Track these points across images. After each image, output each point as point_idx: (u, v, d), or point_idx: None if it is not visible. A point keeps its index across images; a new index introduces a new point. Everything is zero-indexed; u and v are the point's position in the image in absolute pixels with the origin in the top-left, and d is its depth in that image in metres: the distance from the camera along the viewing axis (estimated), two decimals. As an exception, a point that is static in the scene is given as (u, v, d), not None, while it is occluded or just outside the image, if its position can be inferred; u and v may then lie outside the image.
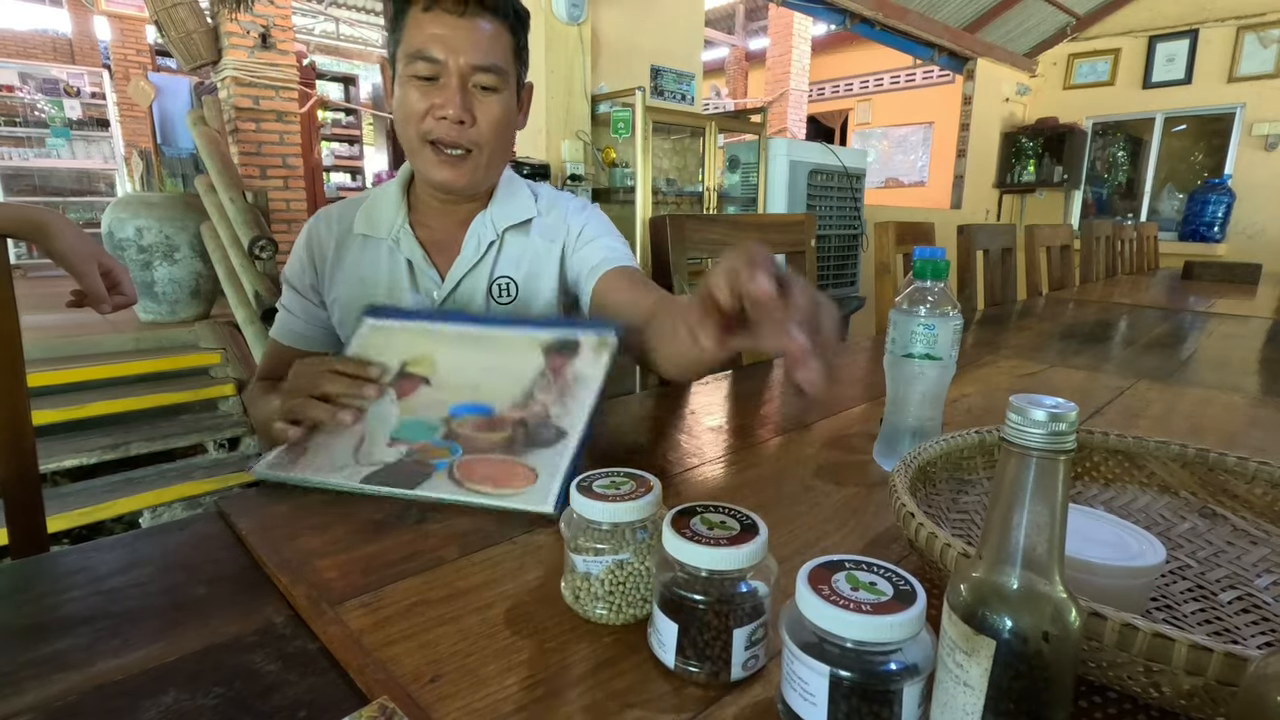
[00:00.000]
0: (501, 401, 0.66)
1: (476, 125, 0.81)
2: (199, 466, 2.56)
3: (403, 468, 0.60)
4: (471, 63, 0.79)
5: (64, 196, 6.45)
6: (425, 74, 0.79)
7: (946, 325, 0.63)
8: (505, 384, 0.67)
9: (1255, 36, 5.00)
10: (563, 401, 0.65)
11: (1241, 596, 0.46)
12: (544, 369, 0.68)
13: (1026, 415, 0.27)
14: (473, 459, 0.61)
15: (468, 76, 0.79)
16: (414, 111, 0.80)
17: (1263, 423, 0.89)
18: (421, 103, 0.80)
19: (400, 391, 0.68)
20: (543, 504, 0.55)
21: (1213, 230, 5.12)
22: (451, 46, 0.78)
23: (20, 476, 0.79)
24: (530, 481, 0.57)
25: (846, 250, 3.49)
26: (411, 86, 0.80)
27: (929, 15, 4.74)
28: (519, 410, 0.65)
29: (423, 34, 0.78)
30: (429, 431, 0.64)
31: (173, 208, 2.99)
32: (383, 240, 0.89)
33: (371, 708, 0.33)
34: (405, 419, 0.66)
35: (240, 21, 3.74)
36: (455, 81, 0.79)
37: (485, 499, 0.56)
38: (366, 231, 0.89)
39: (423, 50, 0.78)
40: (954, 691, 0.29)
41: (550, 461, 0.59)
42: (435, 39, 0.78)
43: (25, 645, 0.40)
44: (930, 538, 0.41)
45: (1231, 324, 1.76)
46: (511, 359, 0.69)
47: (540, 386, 0.67)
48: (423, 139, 0.81)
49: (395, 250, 0.89)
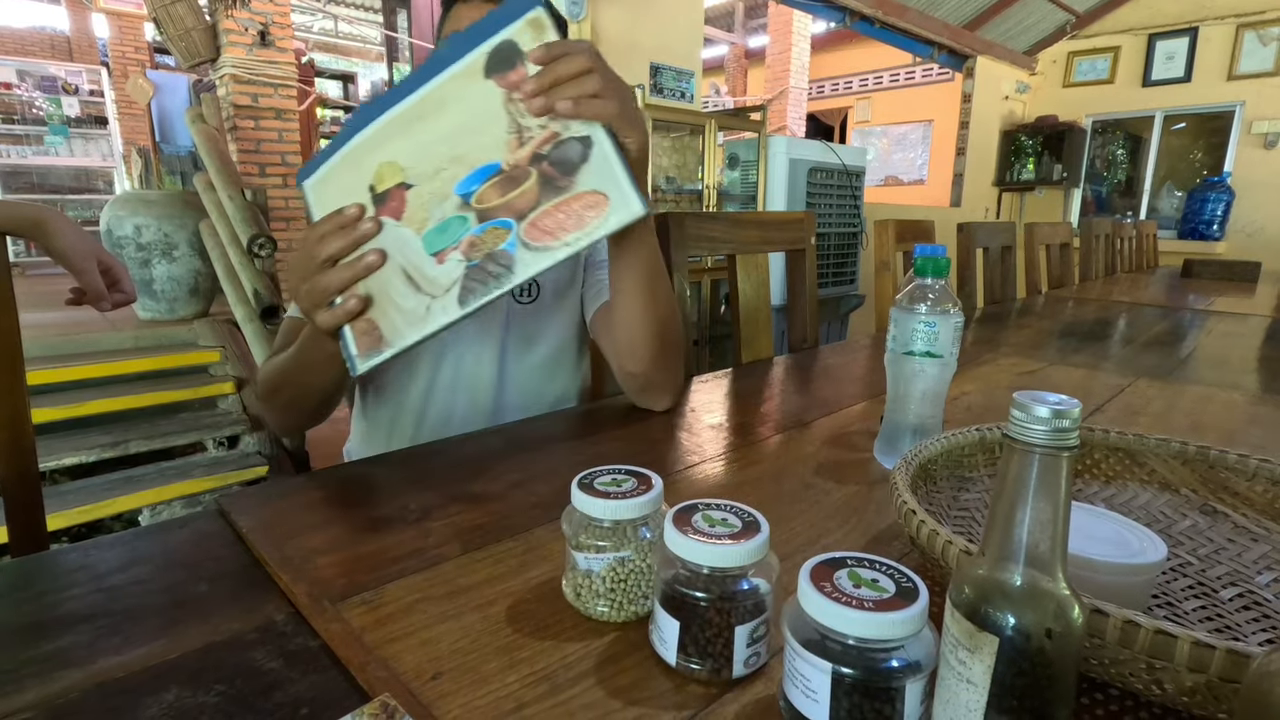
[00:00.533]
0: (498, 151, 0.59)
1: None
2: (198, 464, 2.55)
3: (477, 273, 0.56)
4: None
5: (62, 194, 6.44)
6: None
7: (947, 323, 0.63)
8: (486, 134, 0.59)
9: (1255, 34, 5.00)
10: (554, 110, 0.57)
11: (1242, 594, 0.46)
12: (505, 96, 0.59)
13: (1030, 412, 0.27)
14: (533, 219, 0.56)
15: None
16: None
17: (1262, 420, 0.90)
18: None
19: (393, 213, 0.61)
20: (631, 211, 0.53)
21: (1212, 228, 5.12)
22: (452, 27, 0.81)
23: (20, 475, 0.79)
24: (603, 202, 0.54)
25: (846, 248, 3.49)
26: None
27: (928, 13, 4.73)
28: (523, 148, 0.58)
29: (460, 20, 0.81)
30: (461, 226, 0.58)
31: (171, 205, 2.99)
32: None
33: (373, 705, 0.33)
34: (425, 232, 0.59)
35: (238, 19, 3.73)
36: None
37: (582, 240, 0.54)
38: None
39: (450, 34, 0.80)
40: (957, 689, 0.29)
41: (601, 173, 0.55)
42: (466, 22, 0.79)
43: (26, 643, 0.40)
44: (932, 535, 0.41)
45: (1231, 322, 1.76)
46: (466, 106, 0.61)
47: (521, 113, 0.59)
48: None
49: None
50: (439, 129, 0.61)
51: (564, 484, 0.43)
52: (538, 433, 0.79)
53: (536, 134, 0.58)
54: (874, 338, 1.42)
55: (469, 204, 0.59)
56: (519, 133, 0.58)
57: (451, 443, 0.76)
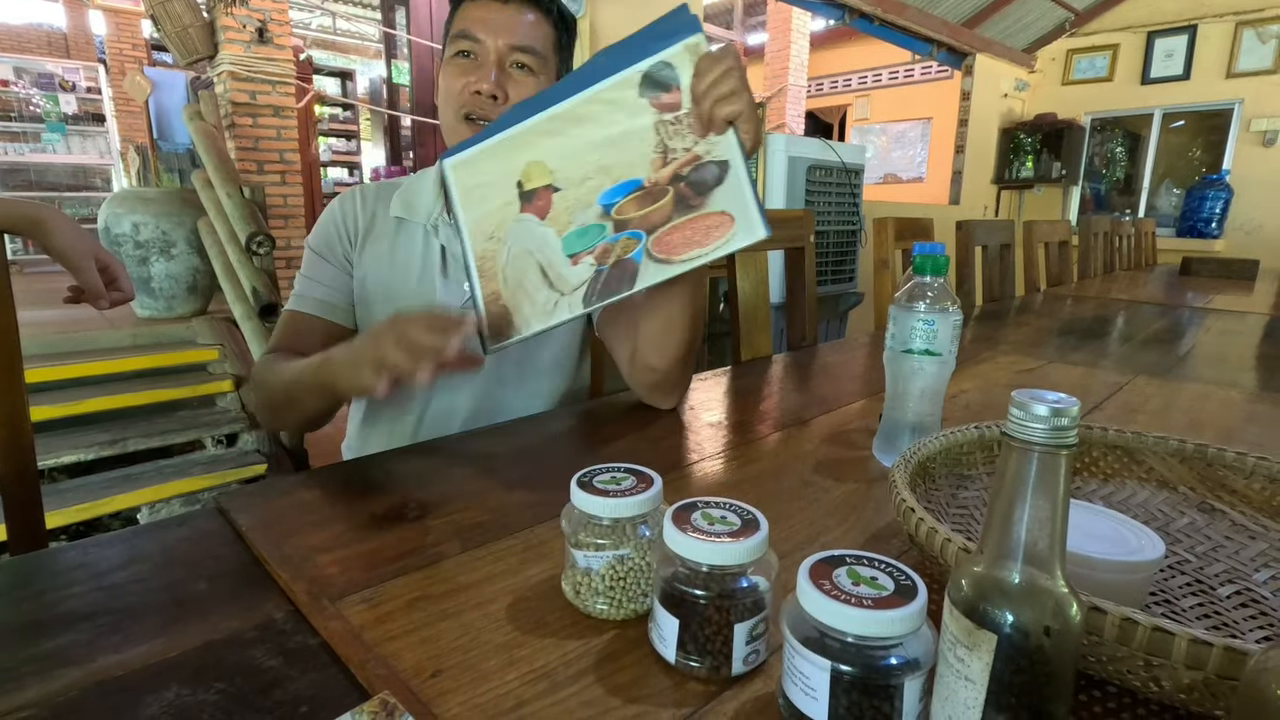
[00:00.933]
0: (642, 168, 0.63)
1: (508, 102, 0.82)
2: (197, 462, 2.55)
3: (606, 277, 0.61)
4: (509, 42, 0.82)
5: (60, 192, 6.42)
6: (465, 49, 0.82)
7: (946, 321, 0.63)
8: (633, 150, 0.64)
9: (1254, 32, 4.99)
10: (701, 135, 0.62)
11: (1240, 591, 0.46)
12: (657, 117, 0.64)
13: (1029, 410, 0.27)
14: (662, 234, 0.61)
15: (505, 56, 0.82)
16: (452, 89, 0.83)
17: (1260, 418, 0.90)
18: (459, 80, 0.82)
19: (539, 211, 0.66)
20: (755, 233, 0.56)
21: (1210, 226, 5.12)
22: (491, 27, 0.81)
23: (18, 473, 0.79)
24: (729, 223, 0.58)
25: (845, 246, 3.48)
26: (452, 66, 0.83)
27: (928, 10, 4.73)
28: (666, 167, 0.63)
29: (467, 18, 0.82)
30: (598, 233, 0.63)
31: (169, 203, 2.98)
32: (419, 225, 0.90)
33: (373, 703, 0.33)
34: (566, 235, 0.64)
35: (236, 16, 3.72)
36: (492, 58, 0.82)
37: (704, 257, 0.57)
38: (404, 215, 0.90)
39: (465, 30, 0.82)
40: (955, 686, 0.29)
41: (732, 196, 0.59)
42: (478, 20, 0.82)
43: (26, 641, 0.40)
44: (930, 533, 0.41)
45: (1229, 320, 1.76)
46: (617, 121, 0.65)
47: (669, 134, 0.63)
48: (458, 115, 0.83)
49: (431, 236, 0.89)
50: (589, 138, 0.66)
51: (563, 482, 0.43)
52: (537, 431, 0.79)
53: (680, 155, 0.62)
54: (873, 335, 1.42)
55: (609, 214, 0.64)
56: (664, 153, 0.63)
57: (451, 440, 0.76)
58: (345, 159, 7.75)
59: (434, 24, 5.18)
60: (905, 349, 0.65)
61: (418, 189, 0.91)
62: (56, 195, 6.35)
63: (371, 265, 0.89)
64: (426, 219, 0.89)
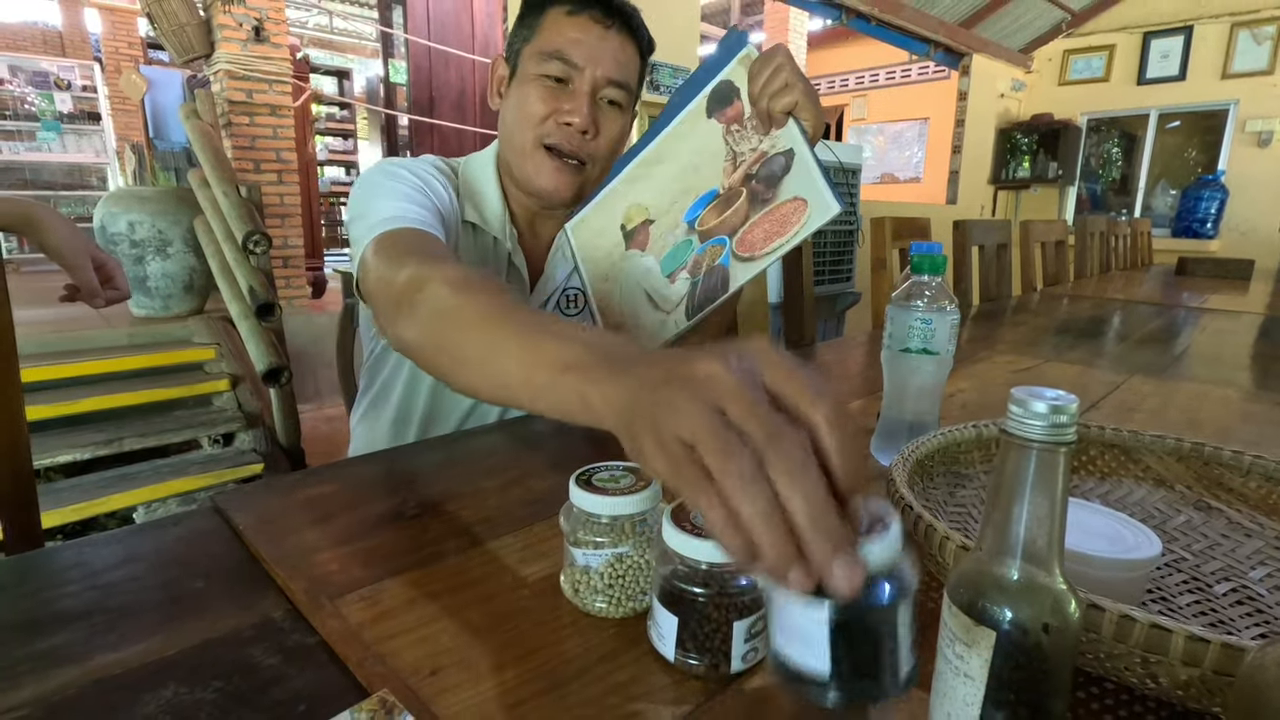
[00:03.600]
0: (717, 178, 0.66)
1: (599, 138, 0.79)
2: (193, 462, 2.54)
3: (702, 287, 0.64)
4: (608, 75, 0.77)
5: (55, 190, 6.39)
6: (557, 74, 0.77)
7: (943, 320, 0.63)
8: (709, 166, 0.67)
9: (1249, 33, 5.01)
10: (764, 132, 0.64)
11: (1236, 589, 0.46)
12: (724, 129, 0.66)
13: (1028, 407, 0.27)
14: (742, 234, 0.63)
15: (600, 88, 0.78)
16: (534, 113, 0.78)
17: (1256, 417, 0.90)
18: (545, 105, 0.77)
19: (640, 245, 0.70)
20: (829, 211, 0.58)
21: (1206, 226, 5.14)
22: (591, 55, 0.76)
23: (14, 472, 0.79)
24: (803, 207, 0.59)
25: (842, 245, 3.49)
26: (538, 86, 0.78)
27: (925, 11, 4.73)
28: (737, 171, 0.65)
29: (563, 36, 0.76)
30: (688, 249, 0.66)
31: (165, 202, 2.97)
32: (488, 233, 0.86)
33: (372, 701, 0.33)
34: (663, 258, 0.68)
35: (233, 14, 3.71)
36: (587, 89, 0.77)
37: (786, 245, 0.59)
38: (476, 221, 0.86)
39: (561, 52, 0.76)
40: (954, 683, 0.29)
41: (801, 181, 0.60)
42: (576, 44, 0.76)
43: (22, 640, 0.39)
44: (929, 530, 0.41)
45: (1224, 319, 1.76)
46: (692, 145, 0.68)
47: (736, 141, 0.66)
48: (538, 142, 0.79)
49: (499, 245, 0.86)
50: (672, 169, 0.70)
51: (562, 480, 0.43)
52: (536, 429, 0.79)
53: (748, 156, 0.64)
54: (870, 334, 1.42)
55: (694, 228, 0.66)
56: (734, 158, 0.65)
57: (449, 439, 0.76)
58: (342, 158, 7.74)
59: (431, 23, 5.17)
60: (903, 348, 0.65)
61: (483, 196, 0.86)
62: (52, 194, 6.32)
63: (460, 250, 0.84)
64: (499, 230, 0.85)
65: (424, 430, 0.92)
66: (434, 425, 0.92)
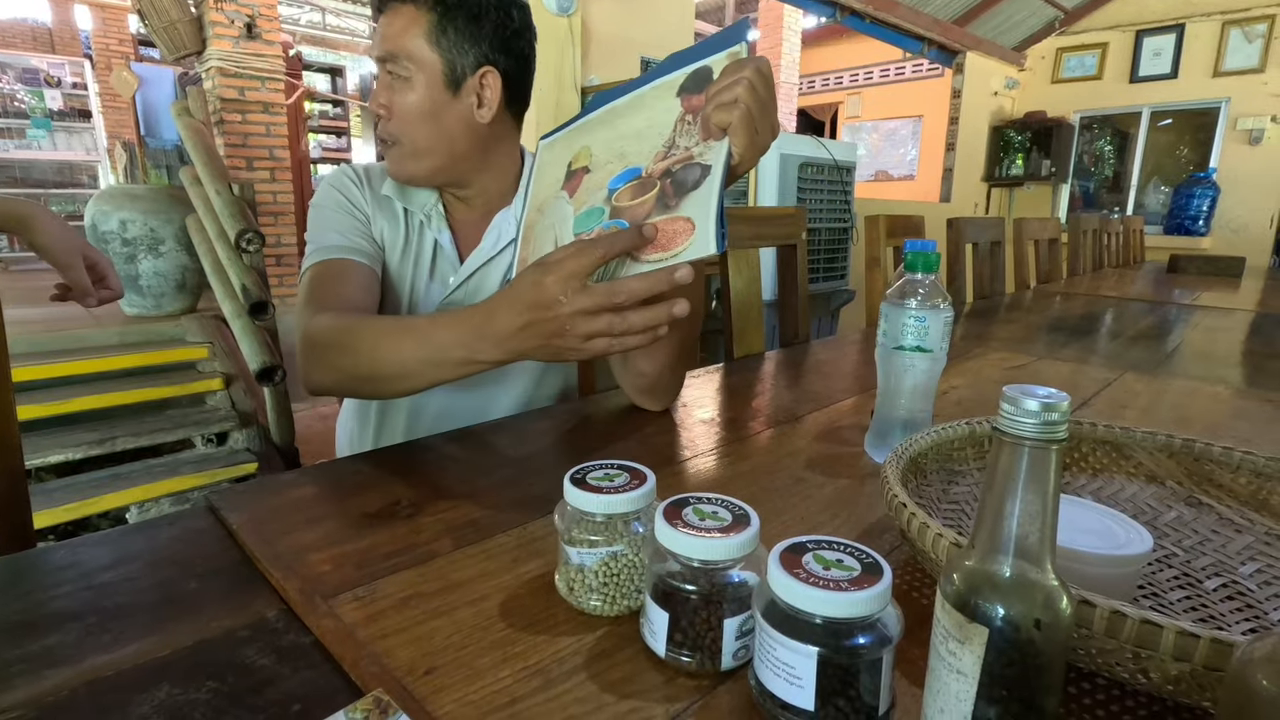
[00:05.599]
0: (646, 159, 0.64)
1: (391, 116, 0.83)
2: (186, 462, 2.53)
3: None
4: (378, 54, 0.82)
5: (45, 189, 6.35)
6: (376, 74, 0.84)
7: (937, 318, 0.63)
8: (649, 142, 0.65)
9: (1240, 31, 5.04)
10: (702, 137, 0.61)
11: (1226, 584, 0.47)
12: (681, 113, 0.64)
13: (1020, 405, 0.27)
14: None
15: (382, 69, 0.82)
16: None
17: (1247, 413, 0.91)
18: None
19: (570, 189, 0.69)
20: (706, 247, 0.55)
21: (1197, 224, 5.17)
22: (375, 43, 0.82)
23: (6, 472, 0.78)
24: (689, 233, 0.57)
25: (836, 243, 3.49)
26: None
27: (918, 9, 4.74)
28: (663, 161, 0.63)
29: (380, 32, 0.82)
30: (598, 217, 0.63)
31: (157, 200, 2.95)
32: (415, 214, 0.90)
33: (366, 700, 0.33)
34: (578, 214, 0.66)
35: (225, 11, 3.69)
36: (381, 72, 0.82)
37: (661, 262, 0.57)
38: (398, 199, 0.90)
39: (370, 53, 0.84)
40: (947, 679, 0.29)
41: (699, 204, 0.57)
42: (374, 38, 0.83)
43: (14, 641, 0.39)
44: (922, 528, 0.42)
45: (1216, 317, 1.77)
46: (653, 114, 0.67)
47: (681, 132, 0.63)
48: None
49: (426, 227, 0.90)
50: (625, 128, 0.68)
51: (556, 479, 0.43)
52: (530, 428, 0.79)
53: (678, 153, 0.62)
54: (864, 333, 1.42)
55: (610, 200, 0.64)
56: (669, 146, 0.63)
57: (443, 438, 0.76)
58: (335, 156, 7.70)
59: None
60: (897, 345, 0.65)
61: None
62: (42, 192, 6.28)
63: (385, 241, 0.90)
64: (422, 209, 0.90)
65: (409, 428, 0.92)
66: (421, 423, 0.92)
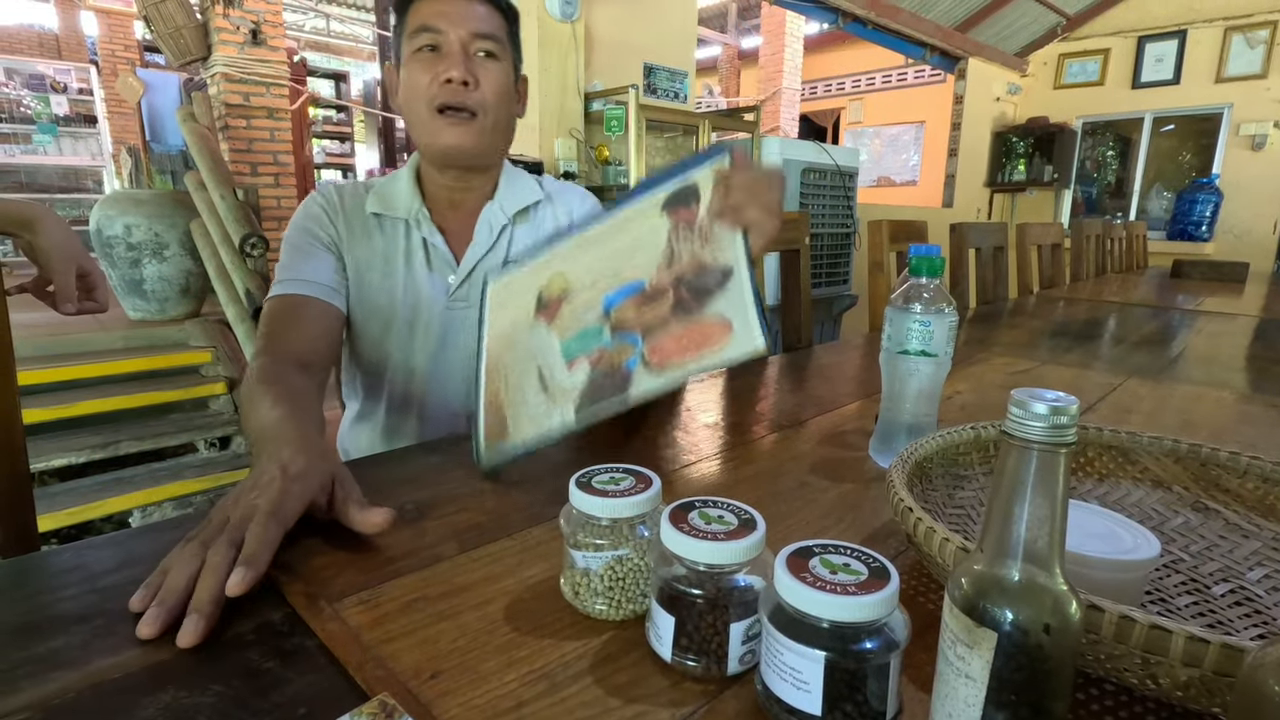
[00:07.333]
0: (647, 271, 0.61)
1: (480, 88, 0.83)
2: (190, 466, 2.54)
3: (598, 385, 0.57)
4: (472, 30, 0.82)
5: (51, 194, 6.37)
6: (429, 44, 0.82)
7: (942, 322, 0.63)
8: (643, 255, 0.63)
9: (1243, 37, 5.04)
10: (710, 242, 0.59)
11: (1234, 589, 0.47)
12: (672, 226, 0.63)
13: (1028, 408, 0.27)
14: (658, 340, 0.57)
15: (469, 44, 0.82)
16: (419, 83, 0.83)
17: (1252, 418, 0.90)
18: (426, 73, 0.82)
19: (548, 317, 0.66)
20: (752, 344, 0.52)
21: (1200, 229, 5.16)
22: (451, 18, 0.82)
23: (10, 475, 0.78)
24: (727, 330, 0.54)
25: (839, 249, 3.50)
26: (417, 61, 0.83)
27: (920, 14, 4.75)
28: (669, 271, 0.60)
29: (422, 14, 0.82)
30: (596, 336, 0.60)
31: (162, 205, 2.96)
32: (400, 220, 0.90)
33: (372, 704, 0.33)
34: (566, 340, 0.63)
35: (230, 17, 3.71)
36: (458, 47, 0.82)
37: (698, 366, 0.54)
38: (382, 210, 0.89)
39: (426, 23, 0.82)
40: (955, 684, 0.29)
41: (734, 302, 0.55)
42: (436, 13, 0.82)
43: (20, 644, 0.39)
44: (929, 532, 0.42)
45: (1219, 322, 1.77)
46: (638, 233, 0.65)
47: (680, 239, 0.62)
48: (430, 107, 0.83)
49: (413, 230, 0.90)
50: (610, 248, 0.66)
51: (562, 482, 0.43)
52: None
53: (684, 260, 0.60)
54: (867, 337, 1.42)
55: (608, 316, 0.61)
56: (671, 257, 0.61)
57: (447, 441, 0.76)
58: (339, 161, 7.74)
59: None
60: (901, 349, 0.65)
61: (392, 188, 0.91)
62: (48, 197, 6.30)
63: (364, 261, 0.89)
64: (406, 213, 0.90)
65: (414, 432, 0.92)
66: (423, 427, 0.92)
